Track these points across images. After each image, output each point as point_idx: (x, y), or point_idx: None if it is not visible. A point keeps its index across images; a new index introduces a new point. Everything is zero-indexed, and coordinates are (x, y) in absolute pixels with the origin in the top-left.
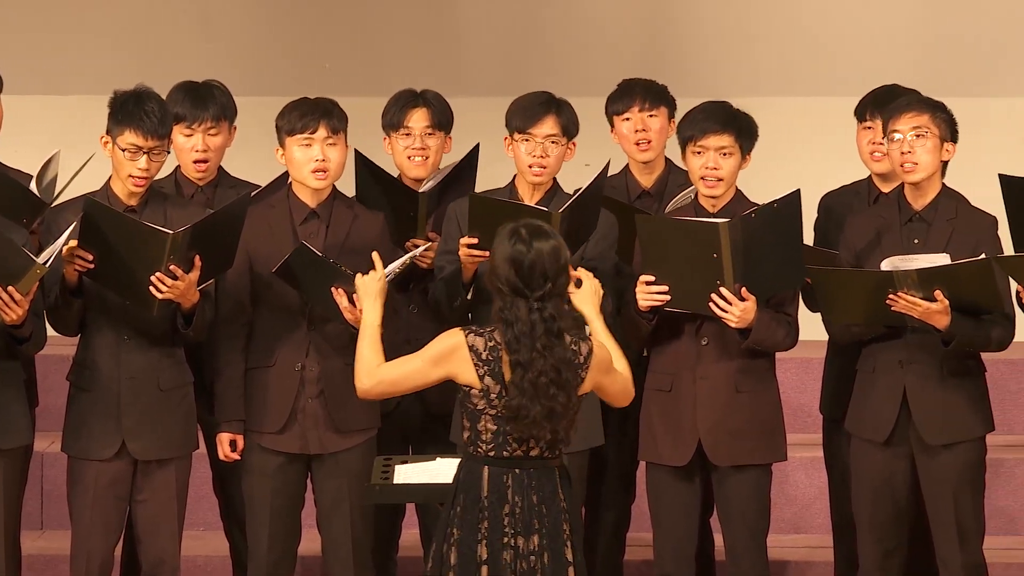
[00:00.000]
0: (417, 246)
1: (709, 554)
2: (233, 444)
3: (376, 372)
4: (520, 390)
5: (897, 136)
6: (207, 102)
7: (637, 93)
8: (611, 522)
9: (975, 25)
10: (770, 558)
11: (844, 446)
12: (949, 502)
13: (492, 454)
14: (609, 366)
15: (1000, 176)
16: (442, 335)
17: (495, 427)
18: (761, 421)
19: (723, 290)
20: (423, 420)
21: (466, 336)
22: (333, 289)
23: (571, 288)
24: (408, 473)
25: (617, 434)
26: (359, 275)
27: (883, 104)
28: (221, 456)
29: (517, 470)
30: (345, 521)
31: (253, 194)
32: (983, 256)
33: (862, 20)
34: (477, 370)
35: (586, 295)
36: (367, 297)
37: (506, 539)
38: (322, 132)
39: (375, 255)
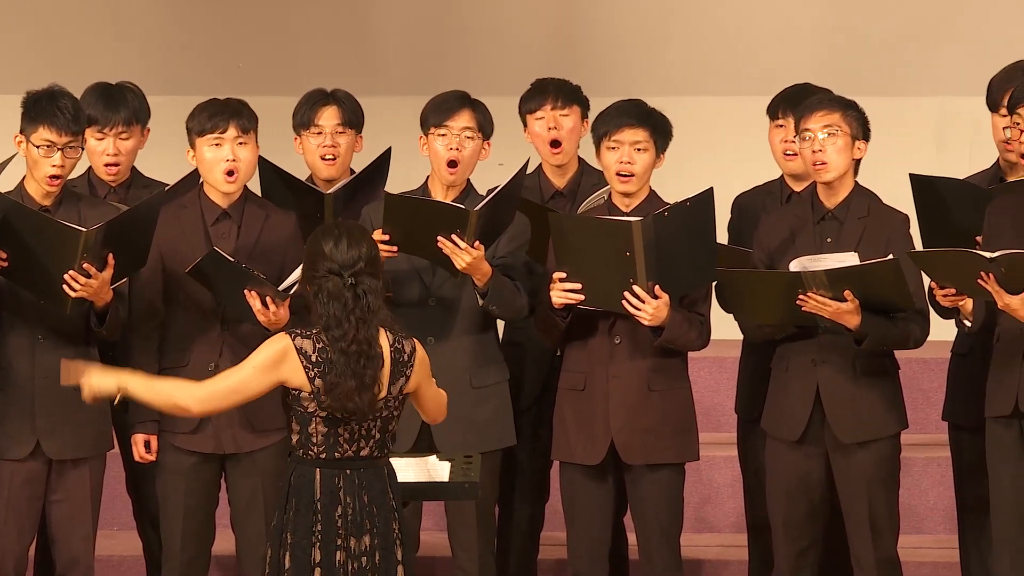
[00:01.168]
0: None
1: (622, 553)
2: (148, 444)
3: (199, 391)
4: (332, 364)
5: (808, 135)
6: (119, 106)
7: (549, 92)
8: (524, 522)
9: (886, 24)
10: (683, 557)
11: (759, 445)
12: (863, 500)
13: (324, 456)
14: (429, 372)
15: (911, 176)
16: (268, 341)
17: (326, 429)
18: (674, 420)
19: (636, 288)
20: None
21: (293, 340)
22: (246, 291)
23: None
24: None
25: (530, 434)
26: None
27: (795, 103)
28: (136, 457)
29: (348, 471)
30: (259, 520)
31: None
32: (891, 256)
33: (774, 20)
34: (307, 372)
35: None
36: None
37: (339, 540)
38: (232, 132)
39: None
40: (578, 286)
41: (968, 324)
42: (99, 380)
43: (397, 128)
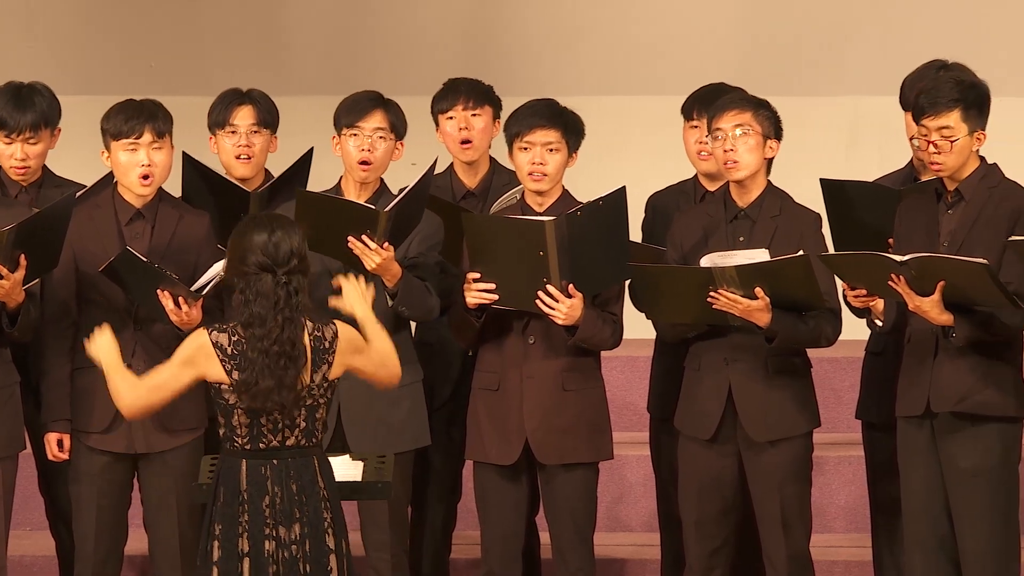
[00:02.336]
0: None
1: (535, 552)
2: (60, 443)
3: (132, 387)
4: (250, 362)
5: (720, 134)
6: (27, 109)
7: (461, 92)
8: (437, 521)
9: (797, 25)
10: (597, 556)
11: (671, 444)
12: (775, 499)
13: (249, 447)
14: (359, 346)
15: (821, 181)
16: (189, 337)
17: (248, 420)
18: (588, 420)
19: (550, 287)
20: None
21: (209, 334)
22: (158, 291)
23: (333, 300)
24: None
25: (442, 433)
26: (90, 345)
27: (709, 103)
28: (49, 456)
29: (275, 460)
30: (172, 520)
31: (78, 195)
32: (801, 253)
33: (686, 20)
34: (224, 366)
35: (353, 298)
36: (98, 353)
37: (267, 530)
38: (147, 137)
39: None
40: (492, 286)
41: (879, 324)
42: (101, 346)
43: (310, 127)
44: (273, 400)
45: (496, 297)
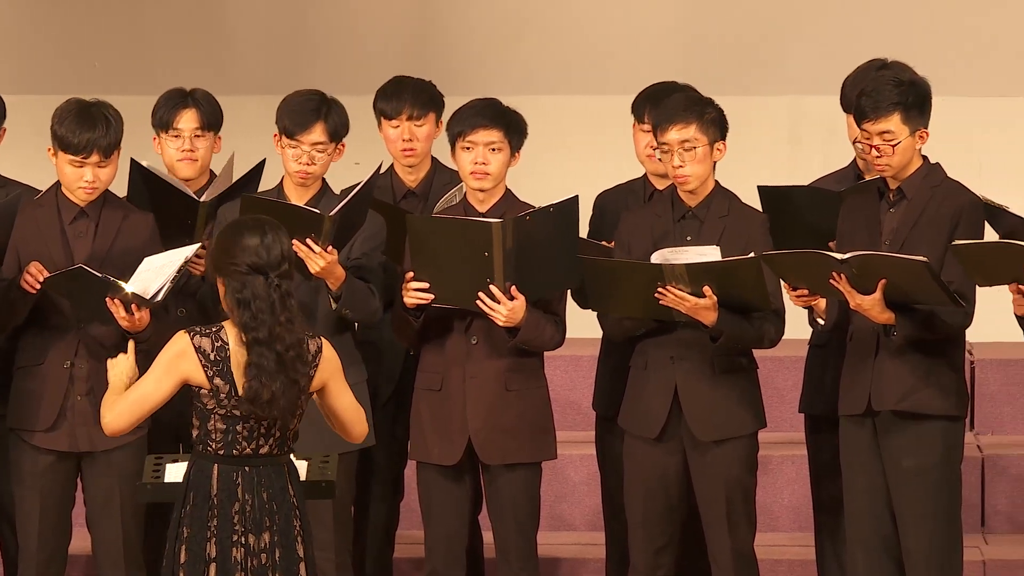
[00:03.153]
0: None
1: (478, 551)
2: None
3: (113, 404)
4: (260, 369)
5: (666, 148)
6: None
7: (406, 101)
8: (381, 521)
9: (738, 24)
10: (540, 555)
11: (616, 443)
12: (720, 498)
13: (222, 452)
14: (339, 372)
15: (759, 188)
16: (169, 342)
17: (224, 426)
18: (531, 419)
19: (493, 288)
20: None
21: (192, 338)
22: (108, 300)
23: None
24: (179, 472)
25: (385, 433)
26: (111, 361)
27: (659, 103)
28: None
29: (247, 468)
30: (115, 519)
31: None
32: (752, 255)
33: (629, 19)
34: (206, 371)
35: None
36: (113, 376)
37: (236, 537)
38: (95, 157)
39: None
40: (426, 285)
41: (821, 323)
42: (119, 369)
43: (254, 126)
44: (279, 407)
45: (432, 296)
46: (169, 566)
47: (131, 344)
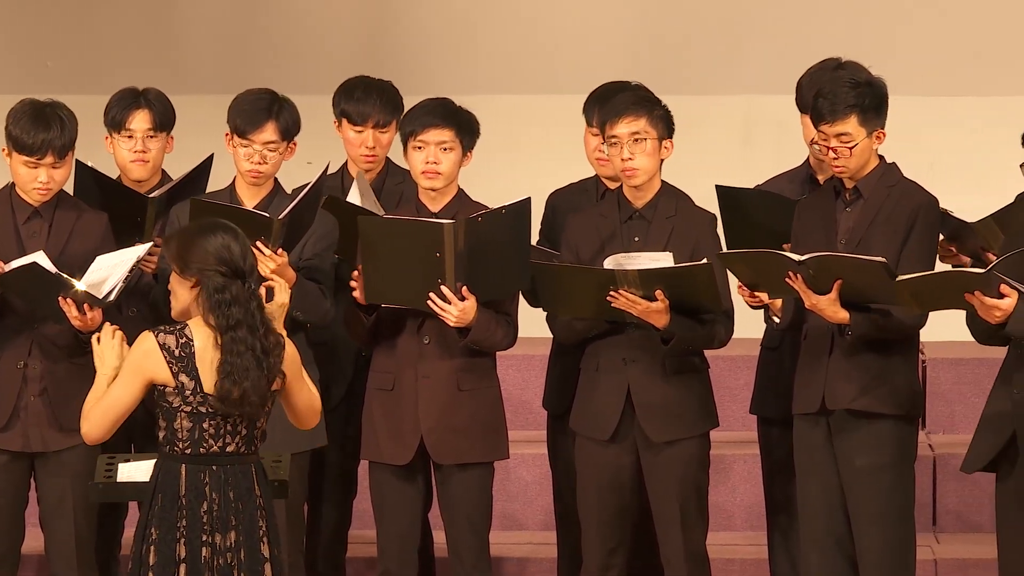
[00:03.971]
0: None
1: (429, 551)
2: None
3: (89, 413)
4: (234, 366)
5: (615, 141)
6: None
7: (373, 105)
8: (333, 521)
9: (691, 23)
10: (493, 555)
11: (567, 442)
12: (673, 498)
13: (189, 452)
14: (300, 369)
15: (717, 187)
16: (134, 344)
17: (191, 424)
18: (483, 419)
19: (444, 288)
20: (146, 419)
21: (156, 336)
22: (61, 299)
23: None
24: (131, 471)
25: (338, 433)
26: (95, 338)
27: (607, 102)
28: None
29: (214, 467)
30: (68, 519)
31: None
32: (704, 261)
33: (582, 18)
34: (171, 367)
35: (273, 308)
36: (100, 362)
37: (204, 536)
38: (50, 158)
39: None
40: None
41: (777, 320)
42: (103, 373)
43: (207, 126)
44: (248, 402)
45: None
46: (136, 568)
47: (114, 331)
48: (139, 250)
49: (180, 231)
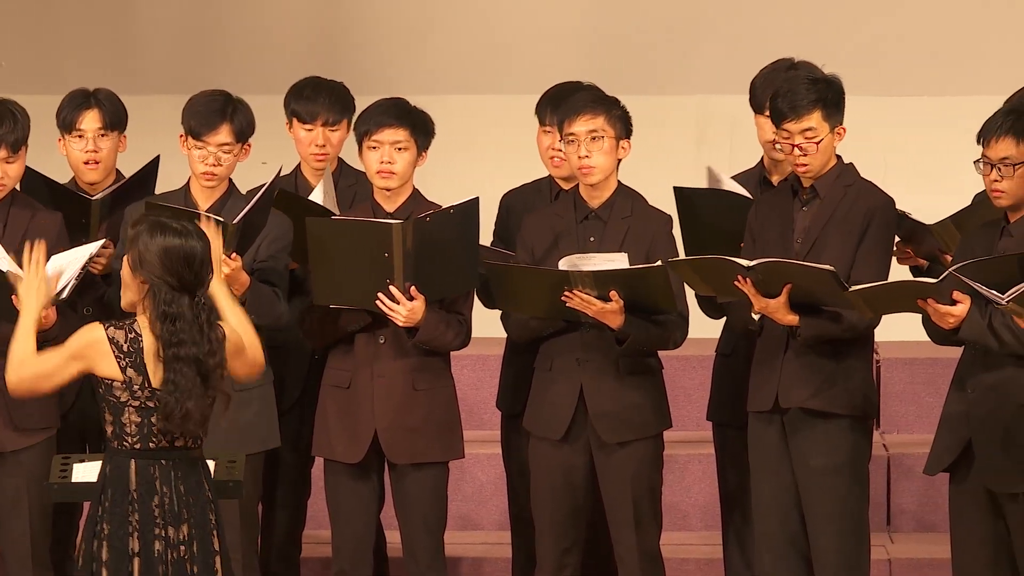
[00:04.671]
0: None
1: (382, 550)
2: None
3: (20, 367)
4: (177, 386)
5: (572, 139)
6: None
7: (322, 107)
8: (287, 521)
9: (645, 23)
10: (447, 555)
11: (521, 443)
12: (627, 499)
13: (138, 446)
14: (239, 347)
15: (675, 188)
16: (82, 329)
17: (139, 419)
18: (438, 418)
19: (392, 288)
20: (100, 419)
21: (106, 329)
22: (13, 297)
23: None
24: (86, 472)
25: (292, 434)
26: (16, 273)
27: (561, 103)
28: None
29: (163, 461)
30: (24, 520)
31: None
32: (659, 263)
33: (536, 18)
34: (119, 362)
35: (216, 284)
36: (27, 296)
37: (157, 530)
38: (3, 152)
39: (32, 250)
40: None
41: (756, 317)
42: (28, 309)
43: (161, 126)
44: (193, 421)
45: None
46: (88, 564)
47: (37, 251)
48: (91, 248)
49: (149, 224)
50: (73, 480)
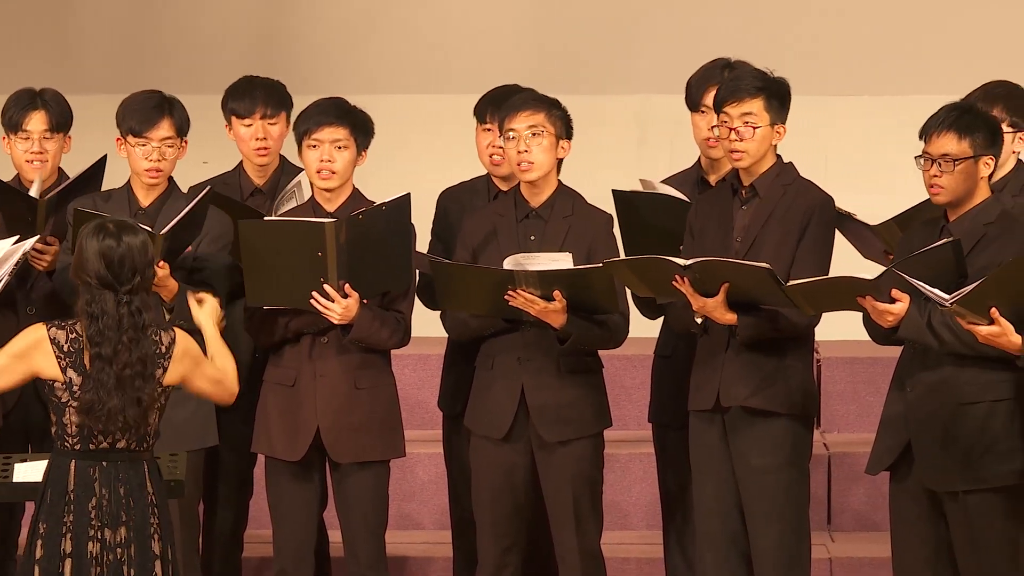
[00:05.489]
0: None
1: (324, 550)
2: None
3: None
4: (99, 383)
5: (513, 134)
6: None
7: (259, 100)
8: (228, 520)
9: (586, 24)
10: (388, 554)
11: (462, 442)
12: (567, 497)
13: (79, 447)
14: (197, 358)
15: (613, 192)
16: (25, 331)
17: (80, 419)
18: (380, 417)
19: (326, 287)
20: (44, 419)
21: (48, 330)
22: None
23: (193, 305)
24: (27, 472)
25: (234, 432)
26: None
27: (502, 104)
28: None
29: (104, 463)
30: None
31: None
32: (603, 263)
33: (476, 18)
34: (59, 363)
35: (207, 312)
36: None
37: (92, 531)
38: None
39: None
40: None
41: (699, 320)
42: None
43: (102, 126)
44: (117, 420)
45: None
46: (27, 562)
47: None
48: (26, 244)
49: (84, 229)
50: (14, 480)
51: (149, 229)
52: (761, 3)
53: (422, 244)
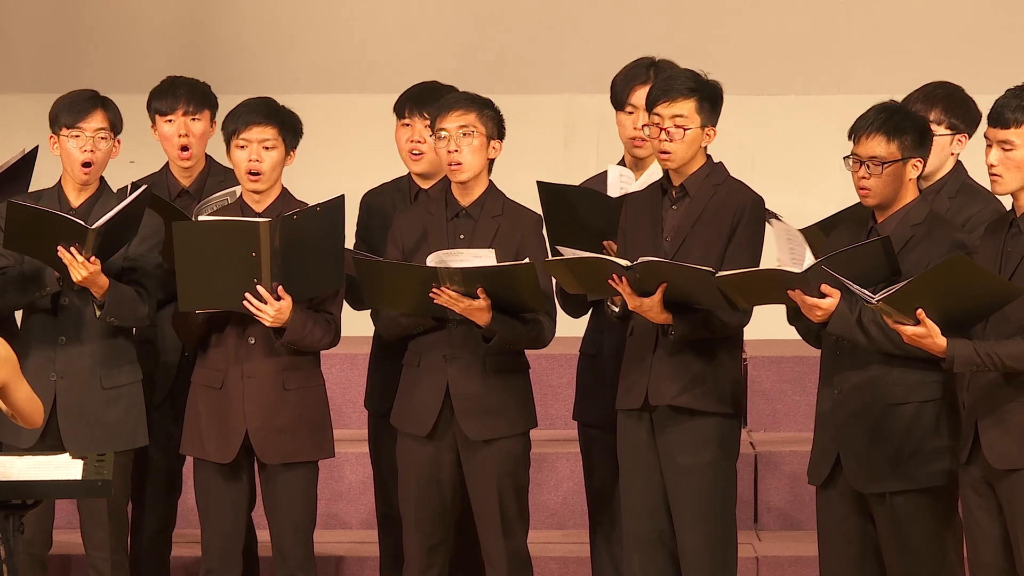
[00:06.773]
0: None
1: (253, 550)
2: None
3: None
4: None
5: (444, 134)
6: None
7: (181, 96)
8: (157, 520)
9: (513, 22)
10: (316, 553)
11: (389, 442)
12: (493, 497)
13: None
14: (17, 368)
15: (538, 183)
16: None
17: None
18: (308, 418)
19: (259, 288)
20: None
21: None
22: None
23: None
24: None
25: (162, 432)
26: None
27: (421, 102)
28: None
29: None
30: None
31: None
32: (527, 261)
33: (403, 18)
34: None
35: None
36: None
37: None
38: None
39: None
40: None
41: (616, 309)
42: None
43: (28, 125)
44: None
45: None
46: None
47: None
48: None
49: None
50: None
51: (82, 223)
52: (687, 2)
53: (347, 245)
